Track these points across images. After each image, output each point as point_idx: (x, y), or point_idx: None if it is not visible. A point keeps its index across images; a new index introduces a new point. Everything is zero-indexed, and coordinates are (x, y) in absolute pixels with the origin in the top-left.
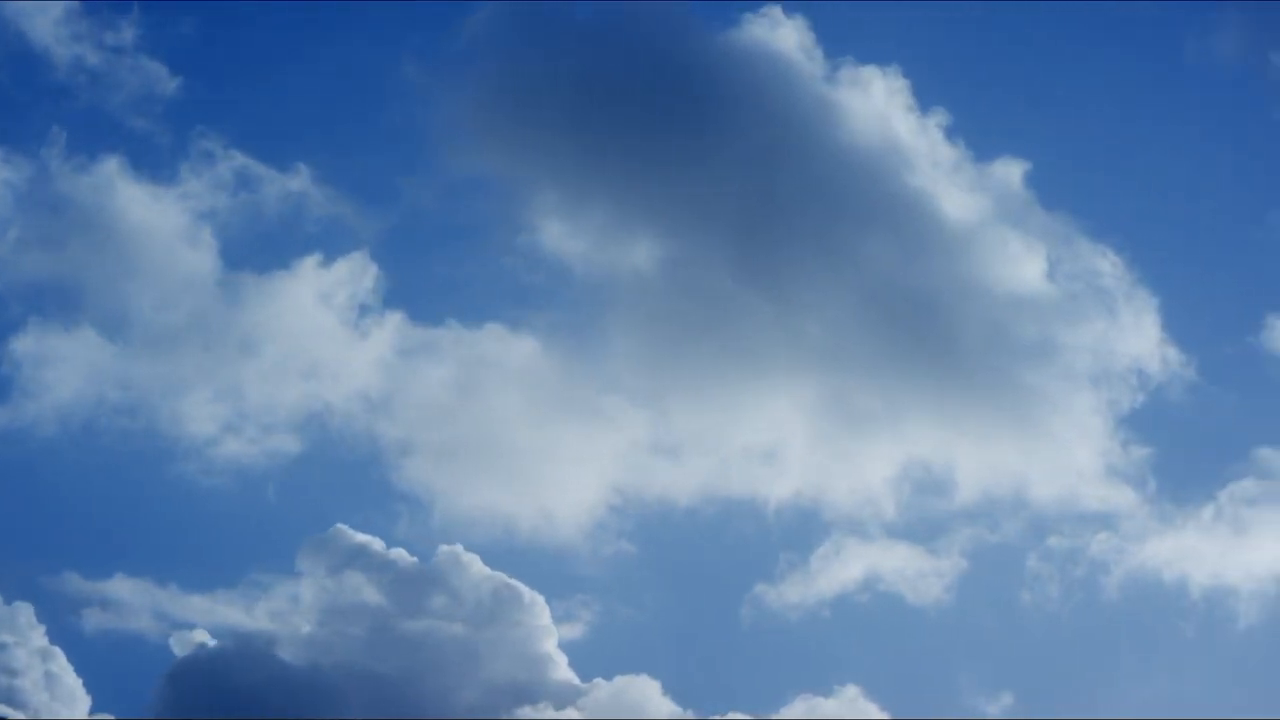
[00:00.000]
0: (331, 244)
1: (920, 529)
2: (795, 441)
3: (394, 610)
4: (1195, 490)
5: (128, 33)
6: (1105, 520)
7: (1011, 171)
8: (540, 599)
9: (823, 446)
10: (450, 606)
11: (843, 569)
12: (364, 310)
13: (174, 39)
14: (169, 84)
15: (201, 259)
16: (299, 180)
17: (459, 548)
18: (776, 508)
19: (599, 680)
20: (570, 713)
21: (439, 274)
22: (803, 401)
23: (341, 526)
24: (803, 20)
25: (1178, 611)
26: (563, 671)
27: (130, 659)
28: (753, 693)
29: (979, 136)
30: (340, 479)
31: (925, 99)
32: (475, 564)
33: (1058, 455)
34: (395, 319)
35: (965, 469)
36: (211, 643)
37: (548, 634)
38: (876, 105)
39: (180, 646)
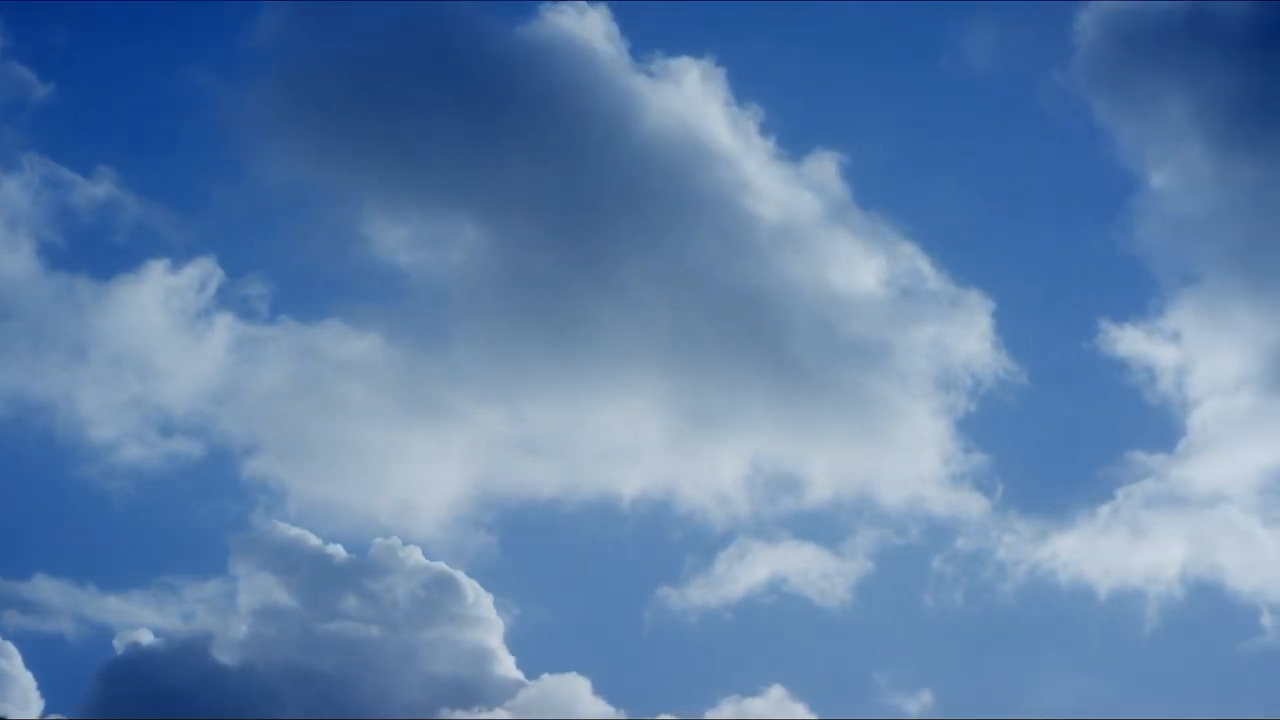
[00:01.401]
0: (153, 249)
1: (801, 530)
2: (650, 438)
3: (330, 606)
4: (1062, 495)
5: None
6: (958, 524)
7: (829, 170)
8: (485, 594)
9: (678, 444)
10: (389, 601)
11: (747, 571)
12: (198, 313)
13: None
14: None
15: (21, 264)
16: (105, 185)
17: (396, 540)
18: (633, 503)
19: (546, 676)
20: (500, 713)
21: (267, 276)
22: (655, 398)
23: (276, 522)
24: (607, 12)
25: (1061, 613)
26: (505, 667)
27: (78, 659)
28: (679, 693)
29: (793, 132)
30: (208, 479)
31: (739, 94)
32: (415, 556)
33: (903, 459)
34: (229, 320)
35: (817, 470)
36: (145, 642)
37: (491, 628)
38: (689, 99)
39: (123, 646)
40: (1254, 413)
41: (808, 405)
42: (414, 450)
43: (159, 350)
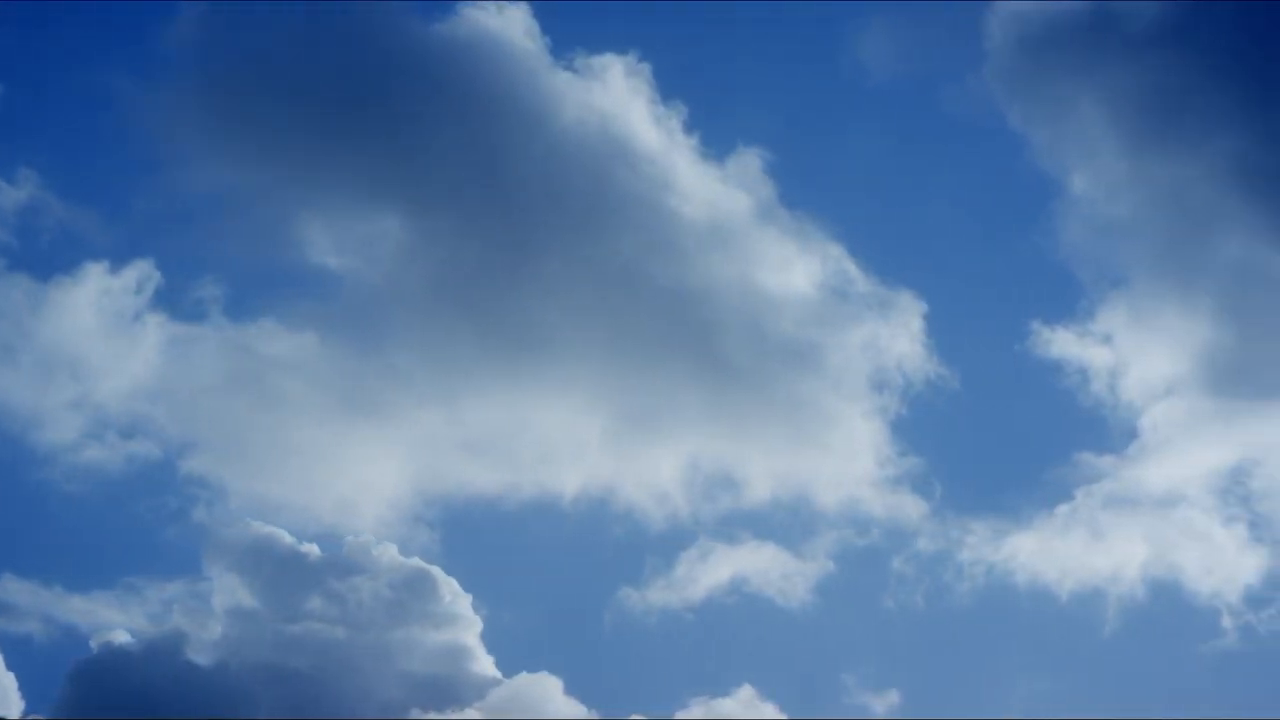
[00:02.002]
0: (81, 252)
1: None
2: (588, 437)
3: (304, 606)
4: (1003, 496)
5: None
6: (899, 526)
7: (754, 170)
8: (462, 591)
9: (616, 444)
10: (354, 601)
11: (708, 571)
12: (132, 315)
13: None
14: None
15: None
16: (29, 189)
17: (369, 538)
18: (574, 501)
19: (521, 675)
20: (471, 712)
21: (198, 276)
22: (591, 397)
23: (249, 521)
24: (527, 10)
25: (1015, 614)
26: (480, 666)
27: (50, 660)
28: (646, 694)
29: (716, 131)
30: (156, 479)
31: (664, 91)
32: (389, 553)
33: (840, 461)
34: (161, 321)
35: (754, 471)
36: (119, 642)
37: (467, 626)
38: (613, 95)
39: (98, 647)
40: (1196, 414)
41: (743, 406)
42: (354, 449)
43: (96, 353)
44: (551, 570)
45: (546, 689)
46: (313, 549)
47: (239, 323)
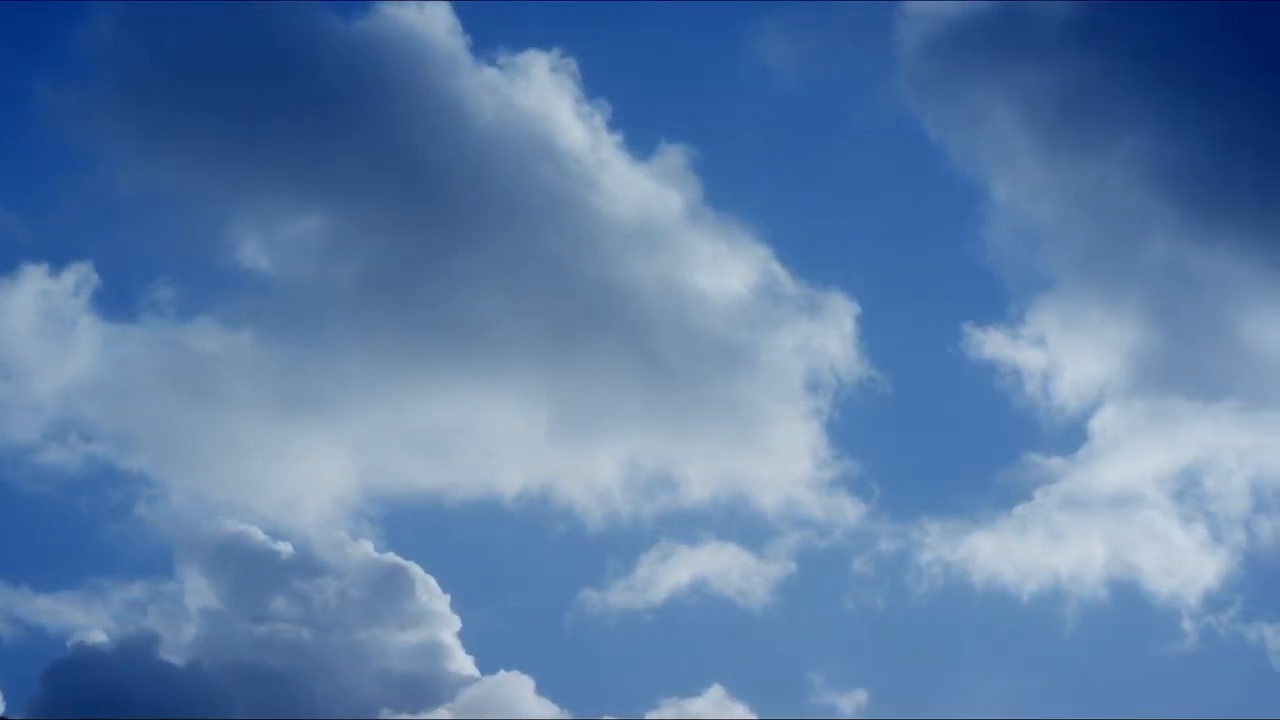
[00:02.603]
0: (11, 255)
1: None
2: (531, 436)
3: (278, 605)
4: (947, 497)
5: None
6: (839, 528)
7: (679, 168)
8: (439, 587)
9: (558, 443)
10: (319, 601)
11: (669, 572)
12: (64, 317)
13: None
14: None
15: None
16: None
17: (344, 534)
18: (516, 499)
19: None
20: (442, 712)
21: (131, 278)
22: (527, 396)
23: (220, 519)
24: (448, 9)
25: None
26: (456, 664)
27: (24, 660)
28: (617, 694)
29: (642, 130)
30: (109, 479)
31: (588, 88)
32: (363, 550)
33: (779, 462)
34: (93, 322)
35: (693, 472)
36: (91, 642)
37: (444, 623)
38: (538, 93)
39: (71, 647)
40: (1139, 416)
41: (680, 407)
42: (298, 446)
43: (47, 354)
44: (512, 569)
45: (518, 689)
46: (285, 547)
47: (180, 323)
